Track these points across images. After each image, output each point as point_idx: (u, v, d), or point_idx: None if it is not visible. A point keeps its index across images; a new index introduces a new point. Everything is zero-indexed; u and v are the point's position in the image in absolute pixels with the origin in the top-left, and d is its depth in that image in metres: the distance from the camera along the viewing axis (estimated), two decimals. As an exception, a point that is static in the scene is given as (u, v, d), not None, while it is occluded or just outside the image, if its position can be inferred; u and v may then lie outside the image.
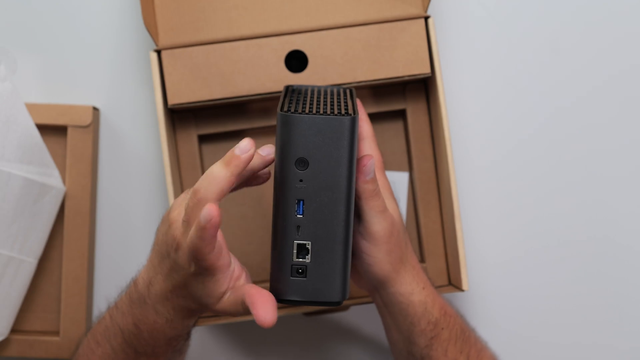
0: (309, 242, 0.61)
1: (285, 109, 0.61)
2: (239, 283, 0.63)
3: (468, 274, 0.82)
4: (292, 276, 0.61)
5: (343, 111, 0.61)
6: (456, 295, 0.88)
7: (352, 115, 0.60)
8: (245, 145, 0.59)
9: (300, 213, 0.61)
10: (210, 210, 0.56)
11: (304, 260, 0.61)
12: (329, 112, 0.61)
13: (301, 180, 0.60)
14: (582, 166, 0.90)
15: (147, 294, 0.66)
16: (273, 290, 0.62)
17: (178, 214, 0.62)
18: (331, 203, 0.61)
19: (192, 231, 0.59)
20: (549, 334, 0.91)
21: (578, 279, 0.90)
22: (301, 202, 0.61)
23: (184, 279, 0.63)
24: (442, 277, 0.85)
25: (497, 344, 0.77)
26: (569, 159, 0.90)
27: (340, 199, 0.61)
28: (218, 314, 0.65)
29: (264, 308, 0.59)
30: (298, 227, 0.61)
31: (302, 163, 0.60)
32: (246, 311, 0.62)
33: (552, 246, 0.90)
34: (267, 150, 0.64)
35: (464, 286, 0.80)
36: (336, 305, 0.63)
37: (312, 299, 0.62)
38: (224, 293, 0.63)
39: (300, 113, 0.60)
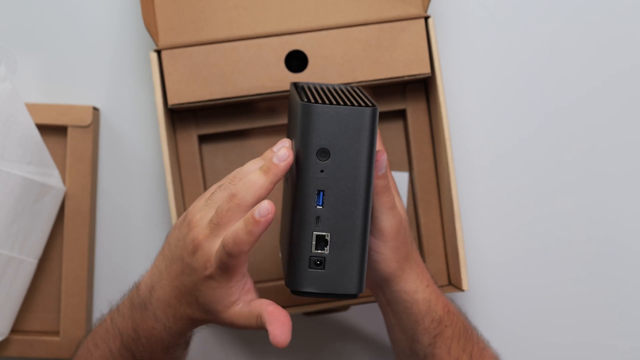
0: (328, 234, 0.60)
1: (306, 99, 0.61)
2: (249, 296, 0.64)
3: (468, 274, 0.82)
4: (310, 268, 0.60)
5: (363, 103, 0.61)
6: (456, 295, 0.88)
7: (374, 106, 0.60)
8: (283, 153, 0.59)
9: (320, 204, 0.60)
10: (269, 206, 0.58)
11: (322, 252, 0.60)
12: (349, 103, 0.60)
13: (322, 171, 0.60)
14: (582, 166, 0.90)
15: (149, 299, 0.66)
16: (289, 282, 0.62)
17: (200, 218, 0.62)
18: (351, 194, 0.60)
19: (238, 226, 0.59)
20: (549, 334, 0.91)
21: (578, 279, 0.90)
22: (321, 193, 0.60)
23: (194, 283, 0.63)
24: (442, 277, 0.85)
25: (497, 343, 0.77)
26: (568, 159, 0.90)
27: (360, 190, 0.60)
28: (223, 324, 0.64)
29: (281, 328, 0.60)
30: (317, 218, 0.60)
31: (324, 153, 0.60)
32: (259, 326, 0.62)
33: (552, 246, 0.90)
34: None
35: (464, 286, 0.80)
36: (353, 298, 0.62)
37: (330, 291, 0.61)
38: (234, 302, 0.63)
39: (322, 103, 0.60)
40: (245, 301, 0.63)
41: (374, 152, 0.61)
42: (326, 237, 0.60)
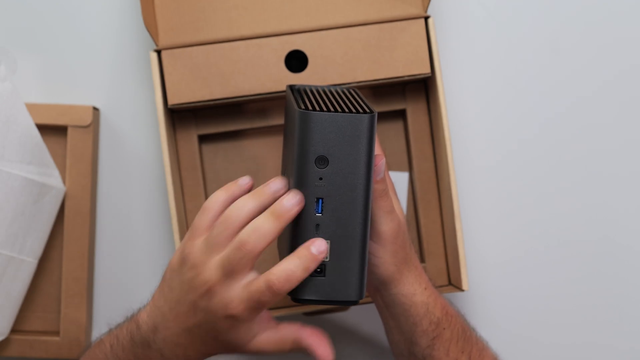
0: (328, 241, 0.61)
1: (303, 106, 0.61)
2: (271, 324, 0.64)
3: (468, 274, 0.82)
4: (310, 275, 0.61)
5: (360, 109, 0.61)
6: (456, 295, 0.88)
7: (372, 112, 0.60)
8: (296, 197, 0.59)
9: (320, 211, 0.60)
10: (325, 245, 0.60)
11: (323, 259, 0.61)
12: (346, 110, 0.60)
13: (321, 179, 0.60)
14: (583, 166, 0.90)
15: (153, 338, 0.65)
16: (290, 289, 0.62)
17: (205, 261, 0.61)
18: (350, 201, 0.60)
19: (293, 264, 0.59)
20: (549, 334, 0.91)
21: (578, 279, 0.90)
22: (320, 201, 0.60)
23: (211, 325, 0.62)
24: (442, 277, 0.85)
25: (497, 344, 0.77)
26: (569, 159, 0.90)
27: (359, 197, 0.60)
28: (246, 353, 0.64)
29: (324, 348, 0.62)
30: (317, 225, 0.60)
31: (322, 161, 0.60)
32: (294, 350, 0.63)
33: (552, 246, 0.90)
34: (278, 185, 0.63)
35: (464, 286, 0.80)
36: (353, 305, 0.62)
37: (330, 298, 0.61)
38: (257, 334, 0.63)
39: (320, 111, 0.60)
40: (268, 329, 0.63)
41: (373, 158, 0.61)
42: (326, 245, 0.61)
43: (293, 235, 0.61)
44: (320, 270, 0.61)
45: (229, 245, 0.61)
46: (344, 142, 0.59)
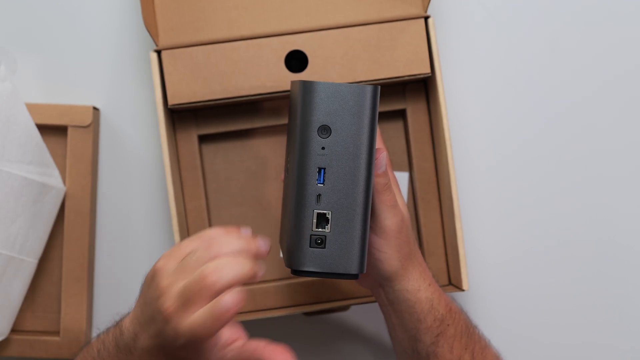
0: (329, 212, 0.60)
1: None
2: (237, 343, 0.61)
3: (468, 274, 0.82)
4: (310, 246, 0.61)
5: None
6: (456, 295, 0.88)
7: (374, 85, 0.60)
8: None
9: (321, 182, 0.60)
10: (238, 297, 0.56)
11: (323, 230, 0.60)
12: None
13: (323, 148, 0.60)
14: (583, 167, 0.90)
15: (134, 345, 0.64)
16: (289, 261, 0.62)
17: (169, 285, 0.59)
18: (352, 172, 0.60)
19: (204, 315, 0.57)
20: (549, 334, 0.91)
21: (578, 279, 0.90)
22: (322, 171, 0.60)
23: (171, 349, 0.60)
24: (442, 277, 0.85)
25: (497, 343, 0.77)
26: (569, 159, 0.90)
27: (361, 168, 0.60)
28: None
29: None
30: (318, 196, 0.60)
31: (325, 130, 0.60)
32: None
33: (552, 246, 0.90)
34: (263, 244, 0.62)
35: (464, 286, 0.80)
36: (353, 278, 0.62)
37: (330, 270, 0.61)
38: (220, 357, 0.61)
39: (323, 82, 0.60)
40: (233, 349, 0.61)
41: (375, 130, 0.61)
42: (327, 215, 0.61)
43: (294, 207, 0.61)
44: (321, 241, 0.61)
45: (193, 274, 0.58)
46: (347, 112, 0.60)
